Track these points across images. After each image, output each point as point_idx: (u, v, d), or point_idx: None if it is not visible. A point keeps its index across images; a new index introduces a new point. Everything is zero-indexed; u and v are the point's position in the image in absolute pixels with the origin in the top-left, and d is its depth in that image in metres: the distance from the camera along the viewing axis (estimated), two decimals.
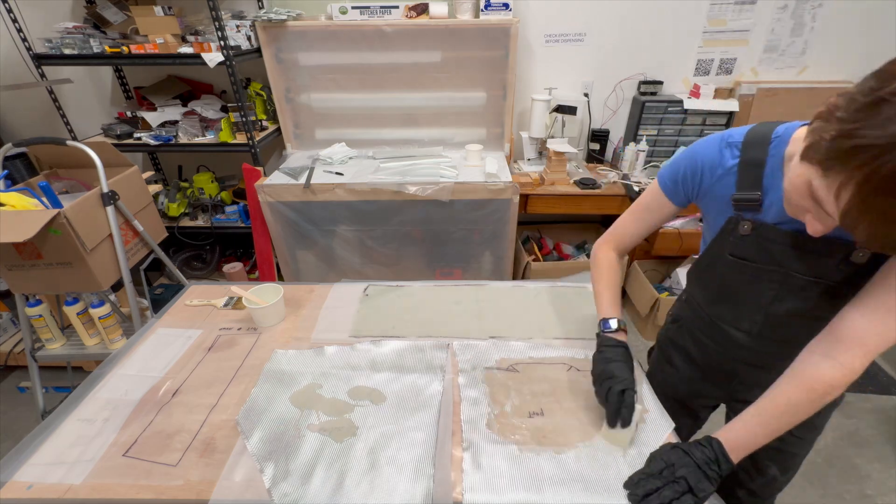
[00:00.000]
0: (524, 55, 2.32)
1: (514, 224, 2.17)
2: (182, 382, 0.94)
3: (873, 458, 1.74)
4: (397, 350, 1.01)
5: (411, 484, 0.72)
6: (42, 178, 1.61)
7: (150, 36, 1.97)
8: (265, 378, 0.93)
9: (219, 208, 2.41)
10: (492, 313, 1.14)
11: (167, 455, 0.78)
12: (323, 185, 2.00)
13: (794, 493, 1.62)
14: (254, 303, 1.09)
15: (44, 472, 0.76)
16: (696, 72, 2.39)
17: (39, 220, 1.25)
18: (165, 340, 1.07)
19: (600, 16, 2.25)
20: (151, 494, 0.72)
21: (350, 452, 0.77)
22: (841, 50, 2.29)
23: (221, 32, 1.87)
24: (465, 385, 0.92)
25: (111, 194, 1.49)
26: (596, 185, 2.22)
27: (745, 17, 2.24)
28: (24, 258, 1.38)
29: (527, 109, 2.39)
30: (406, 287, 1.25)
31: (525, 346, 1.03)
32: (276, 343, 1.04)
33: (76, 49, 1.97)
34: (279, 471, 0.74)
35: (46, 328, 1.55)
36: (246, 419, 0.83)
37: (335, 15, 2.06)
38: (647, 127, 2.39)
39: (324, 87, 2.27)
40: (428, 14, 2.06)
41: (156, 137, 2.17)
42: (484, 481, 0.73)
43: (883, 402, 1.99)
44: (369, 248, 2.25)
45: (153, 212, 1.77)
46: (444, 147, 2.36)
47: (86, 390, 0.92)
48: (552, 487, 0.72)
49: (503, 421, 0.84)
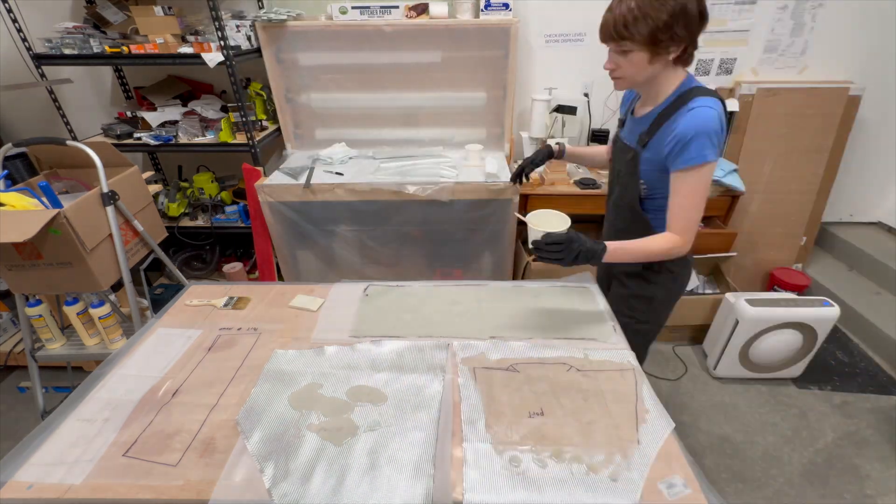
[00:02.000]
0: (524, 55, 2.32)
1: (514, 224, 2.17)
2: (182, 382, 0.94)
3: (873, 458, 1.74)
4: (397, 350, 1.01)
5: (411, 484, 0.72)
6: (42, 178, 1.61)
7: (150, 36, 1.97)
8: (265, 378, 0.93)
9: (219, 208, 2.41)
10: (492, 313, 1.14)
11: (167, 455, 0.78)
12: (323, 185, 2.00)
13: (794, 493, 1.62)
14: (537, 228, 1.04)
15: (44, 472, 0.76)
16: (696, 72, 2.38)
17: (39, 220, 1.25)
18: (165, 340, 1.07)
19: (600, 16, 2.23)
20: (151, 494, 0.72)
21: (350, 452, 0.77)
22: (841, 50, 2.29)
23: (221, 32, 1.87)
24: (464, 385, 0.92)
25: (111, 194, 1.49)
26: (596, 185, 2.22)
27: (745, 17, 2.24)
28: (24, 258, 1.38)
29: (527, 109, 2.38)
30: (406, 287, 1.25)
31: (525, 346, 1.03)
32: (276, 343, 1.04)
33: (76, 49, 1.97)
34: (279, 471, 0.74)
35: (46, 328, 1.55)
36: (246, 419, 0.83)
37: (335, 15, 2.06)
38: None
39: (324, 87, 2.26)
40: (428, 14, 2.06)
41: (156, 137, 2.16)
42: (484, 481, 0.73)
43: (883, 402, 1.99)
44: (369, 248, 2.25)
45: (153, 212, 1.77)
46: (444, 147, 2.36)
47: (86, 390, 0.92)
48: (552, 487, 0.72)
49: (503, 421, 0.84)
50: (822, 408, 1.97)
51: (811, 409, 1.96)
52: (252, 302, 1.20)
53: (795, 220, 2.51)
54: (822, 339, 1.93)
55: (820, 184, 2.44)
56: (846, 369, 2.17)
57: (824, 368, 2.16)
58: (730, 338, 1.98)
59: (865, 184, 2.69)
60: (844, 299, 2.39)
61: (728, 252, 2.27)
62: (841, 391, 2.05)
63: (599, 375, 0.94)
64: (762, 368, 2.05)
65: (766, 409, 1.97)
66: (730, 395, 2.04)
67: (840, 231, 2.79)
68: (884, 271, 2.47)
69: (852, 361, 2.21)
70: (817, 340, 1.94)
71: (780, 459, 1.74)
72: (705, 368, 2.18)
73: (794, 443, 1.81)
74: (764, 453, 1.77)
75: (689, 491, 0.72)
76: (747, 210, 2.46)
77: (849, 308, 2.35)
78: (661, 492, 0.72)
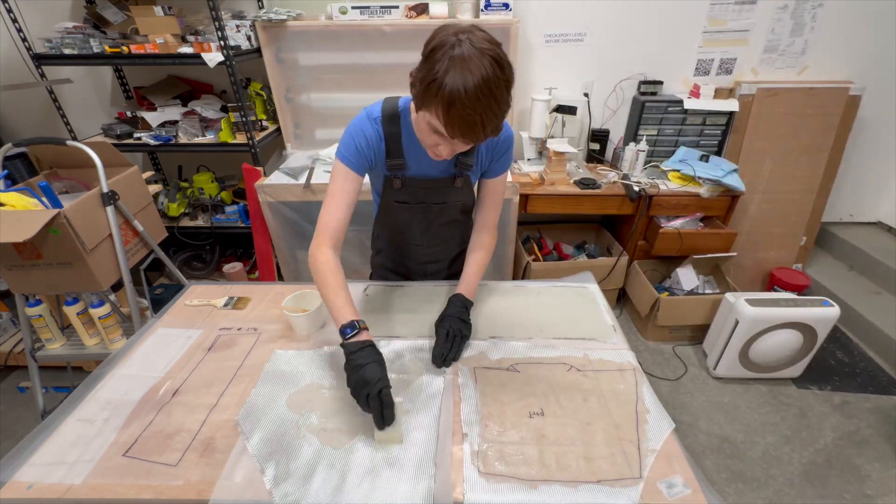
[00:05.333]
0: (524, 55, 2.32)
1: (514, 224, 2.17)
2: (182, 382, 0.94)
3: (873, 458, 1.74)
4: (397, 350, 1.01)
5: (412, 484, 0.72)
6: (42, 178, 1.61)
7: (150, 36, 1.97)
8: (265, 378, 0.93)
9: (219, 208, 2.41)
10: (492, 313, 1.14)
11: (167, 455, 0.78)
12: (323, 185, 2.00)
13: (794, 493, 1.62)
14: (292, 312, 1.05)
15: (44, 472, 0.75)
16: (696, 72, 2.38)
17: (39, 220, 1.25)
18: (165, 340, 1.06)
19: (600, 16, 2.25)
20: (151, 494, 0.72)
21: (351, 453, 0.77)
22: (841, 50, 2.29)
23: (221, 32, 1.87)
24: (464, 385, 0.92)
25: (111, 194, 1.49)
26: (596, 185, 2.22)
27: (745, 17, 2.24)
28: (24, 258, 1.38)
29: (527, 109, 2.38)
30: (406, 287, 1.25)
31: (525, 346, 1.03)
32: (275, 343, 1.04)
33: (76, 49, 1.97)
34: (280, 471, 0.74)
35: (46, 328, 1.55)
36: (246, 419, 0.83)
37: (335, 15, 2.06)
38: (647, 127, 2.39)
39: (324, 87, 2.27)
40: (428, 14, 2.06)
41: (156, 137, 2.17)
42: (484, 481, 0.73)
43: (883, 402, 1.99)
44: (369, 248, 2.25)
45: (153, 212, 1.77)
46: None
47: (86, 390, 0.92)
48: (552, 487, 0.72)
49: (503, 421, 0.84)
50: (822, 408, 1.97)
51: (811, 409, 1.96)
52: (252, 302, 1.20)
53: (795, 220, 2.51)
54: (822, 339, 1.93)
55: (820, 184, 2.44)
56: (846, 369, 2.17)
57: (824, 368, 2.16)
58: (730, 338, 1.98)
59: (865, 184, 2.69)
60: (844, 299, 2.39)
61: (728, 252, 2.27)
62: (841, 391, 2.05)
63: (599, 375, 0.94)
64: (762, 368, 2.05)
65: (766, 409, 1.97)
66: (730, 395, 2.04)
67: (840, 231, 2.79)
68: (884, 271, 2.47)
69: (852, 361, 2.22)
70: (817, 340, 1.94)
71: (780, 459, 1.74)
72: (705, 368, 2.18)
73: (794, 443, 1.81)
74: (764, 453, 1.77)
75: (689, 491, 0.72)
76: (747, 210, 2.46)
77: (849, 308, 2.35)
78: (661, 492, 0.72)
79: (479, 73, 0.72)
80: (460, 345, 0.99)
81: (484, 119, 0.76)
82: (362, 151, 0.98)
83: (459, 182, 1.08)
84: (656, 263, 2.46)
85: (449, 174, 1.07)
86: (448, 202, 1.12)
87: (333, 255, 0.97)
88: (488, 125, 0.78)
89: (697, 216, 2.27)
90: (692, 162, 2.29)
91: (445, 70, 0.73)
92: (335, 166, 0.99)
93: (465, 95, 0.73)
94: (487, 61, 0.73)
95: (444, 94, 0.73)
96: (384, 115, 0.98)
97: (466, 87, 0.72)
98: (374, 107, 1.00)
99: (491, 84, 0.74)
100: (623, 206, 2.24)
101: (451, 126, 0.77)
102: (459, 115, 0.75)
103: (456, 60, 0.73)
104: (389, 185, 1.08)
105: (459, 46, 0.73)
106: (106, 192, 1.48)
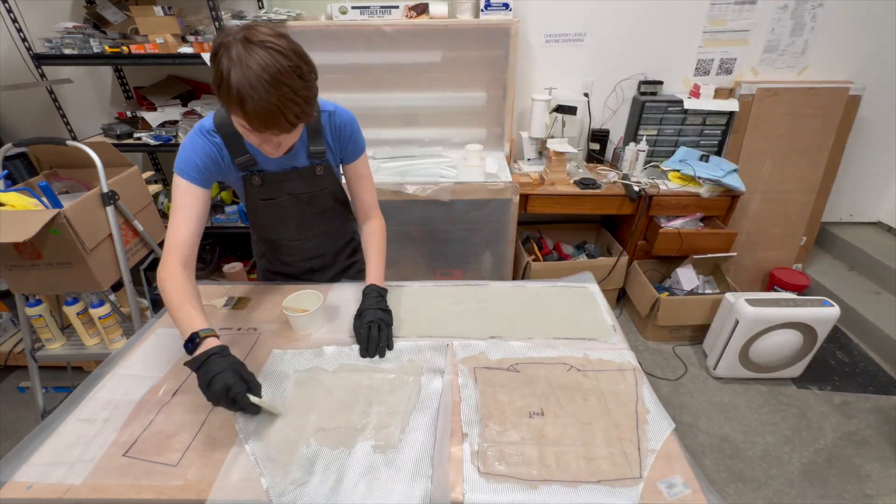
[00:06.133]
0: (524, 55, 2.32)
1: (514, 224, 2.17)
2: (182, 382, 0.94)
3: (873, 458, 1.74)
4: (397, 350, 1.01)
5: (409, 485, 0.72)
6: (42, 178, 1.62)
7: (150, 36, 1.97)
8: (264, 378, 0.93)
9: (218, 208, 2.41)
10: (492, 313, 1.14)
11: (167, 455, 0.78)
12: None
13: (794, 493, 1.62)
14: (292, 311, 1.04)
15: (44, 472, 0.75)
16: (696, 72, 2.39)
17: (39, 220, 1.25)
18: (165, 340, 1.06)
19: (600, 16, 2.25)
20: (151, 494, 0.72)
21: (348, 453, 0.77)
22: (841, 50, 2.29)
23: None
24: (464, 385, 0.92)
25: (111, 194, 1.49)
26: (596, 185, 2.22)
27: (745, 17, 2.24)
28: (24, 258, 1.38)
29: (527, 109, 2.39)
30: (406, 287, 1.25)
31: (525, 346, 1.02)
32: (275, 343, 1.04)
33: (76, 49, 1.97)
34: (277, 472, 0.74)
35: (46, 328, 1.55)
36: (245, 420, 0.83)
37: (335, 15, 2.06)
38: (647, 127, 2.39)
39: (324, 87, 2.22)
40: (428, 14, 2.06)
41: (156, 137, 2.17)
42: (484, 481, 0.73)
43: (883, 402, 1.99)
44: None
45: (153, 212, 1.77)
46: (444, 147, 2.36)
47: (86, 390, 0.92)
48: (552, 487, 0.72)
49: (503, 421, 0.84)
50: (821, 408, 1.97)
51: (811, 409, 1.96)
52: (252, 302, 1.20)
53: (795, 220, 2.51)
54: (822, 339, 1.93)
55: (820, 184, 2.44)
56: (846, 369, 2.17)
57: (824, 368, 2.16)
58: (730, 338, 1.98)
59: (865, 184, 2.69)
60: (844, 299, 2.39)
61: (728, 252, 2.27)
62: (841, 391, 2.05)
63: (599, 375, 0.94)
64: (762, 368, 2.05)
65: (766, 409, 1.97)
66: (730, 394, 2.04)
67: (840, 231, 2.79)
68: (884, 271, 2.47)
69: (852, 361, 2.22)
70: (817, 340, 1.94)
71: (780, 459, 1.74)
72: (705, 368, 2.18)
73: (794, 443, 1.81)
74: (764, 453, 1.77)
75: (689, 491, 0.72)
76: (747, 210, 2.46)
77: (849, 308, 2.35)
78: (661, 492, 0.72)
79: (259, 64, 0.74)
80: (388, 333, 1.02)
81: (282, 107, 0.78)
82: (201, 166, 0.97)
83: (320, 170, 1.11)
84: (656, 263, 2.46)
85: (307, 164, 1.09)
86: (314, 192, 1.14)
87: (180, 270, 0.92)
88: (288, 112, 0.79)
89: (697, 216, 2.27)
90: (692, 162, 2.29)
91: (228, 70, 0.75)
92: (175, 182, 0.97)
93: (252, 89, 0.75)
94: (267, 53, 0.75)
95: (233, 93, 0.75)
96: (217, 123, 0.98)
97: (250, 80, 0.74)
98: (205, 120, 1.00)
99: (275, 73, 0.75)
100: (623, 206, 2.24)
101: (252, 121, 0.79)
102: (254, 109, 0.76)
103: (234, 59, 0.75)
104: (250, 184, 1.08)
105: (236, 45, 0.75)
106: (106, 192, 1.48)
